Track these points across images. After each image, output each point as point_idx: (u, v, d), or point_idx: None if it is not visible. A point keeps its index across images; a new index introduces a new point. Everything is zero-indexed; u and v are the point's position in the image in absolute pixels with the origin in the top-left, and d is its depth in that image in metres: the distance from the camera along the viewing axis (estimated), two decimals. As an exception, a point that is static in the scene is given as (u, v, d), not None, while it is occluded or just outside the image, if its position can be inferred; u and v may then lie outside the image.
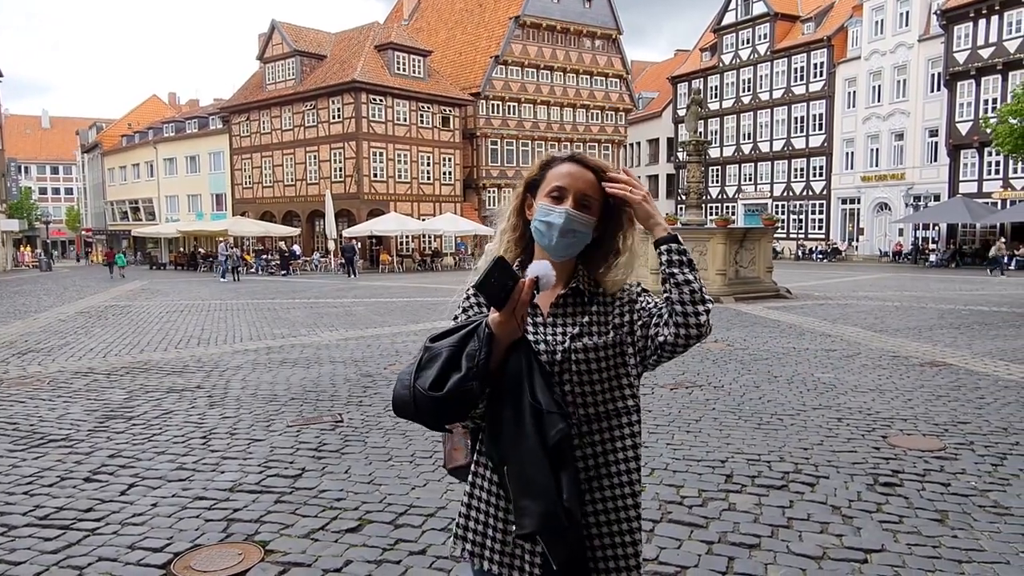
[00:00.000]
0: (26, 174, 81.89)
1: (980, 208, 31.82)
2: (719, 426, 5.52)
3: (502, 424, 1.50)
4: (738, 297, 15.70)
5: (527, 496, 1.46)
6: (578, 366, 1.58)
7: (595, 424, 1.59)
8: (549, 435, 1.43)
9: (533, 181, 1.67)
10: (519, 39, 42.35)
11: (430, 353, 1.49)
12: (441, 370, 1.45)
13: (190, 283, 26.82)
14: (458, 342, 1.48)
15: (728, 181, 47.92)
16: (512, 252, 1.69)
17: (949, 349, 9.11)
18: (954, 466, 4.54)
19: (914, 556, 3.31)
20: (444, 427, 1.54)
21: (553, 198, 1.59)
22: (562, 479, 1.44)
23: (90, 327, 12.57)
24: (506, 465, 1.50)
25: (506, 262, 1.45)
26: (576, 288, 1.64)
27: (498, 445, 1.52)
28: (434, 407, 1.45)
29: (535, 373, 1.48)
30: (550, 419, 1.44)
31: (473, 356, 1.44)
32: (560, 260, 1.61)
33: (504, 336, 1.47)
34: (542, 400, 1.45)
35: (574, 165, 1.63)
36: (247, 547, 3.48)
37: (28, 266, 47.59)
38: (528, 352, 1.50)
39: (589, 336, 1.60)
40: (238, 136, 43.73)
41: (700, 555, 3.35)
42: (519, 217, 1.69)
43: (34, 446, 5.19)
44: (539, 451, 1.43)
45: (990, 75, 32.66)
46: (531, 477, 1.44)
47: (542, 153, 1.74)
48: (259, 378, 7.67)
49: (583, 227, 1.59)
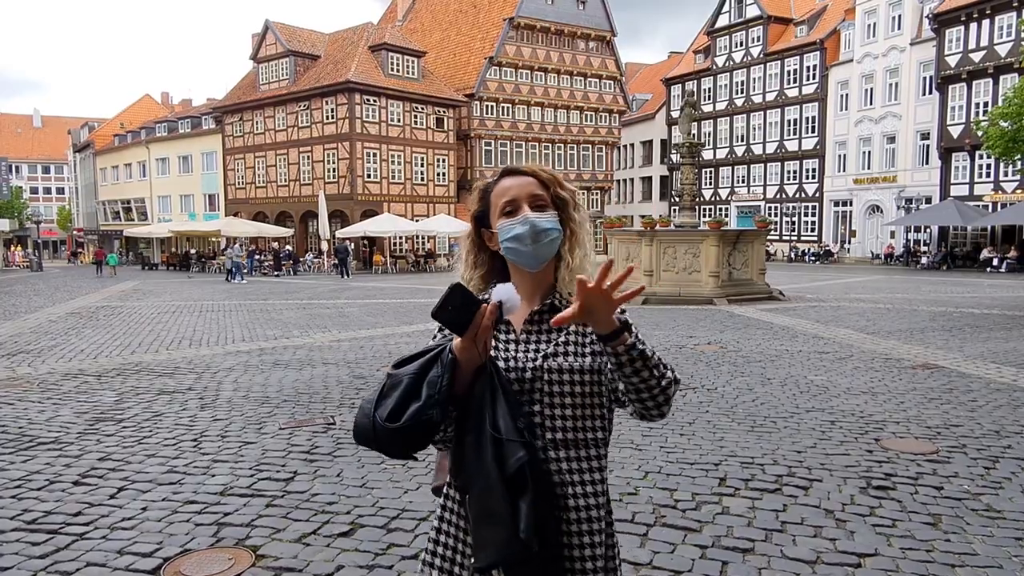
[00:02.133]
0: (17, 173, 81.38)
1: (971, 211, 31.98)
2: (712, 428, 5.52)
3: (464, 450, 1.46)
4: (731, 299, 15.73)
5: (485, 526, 1.42)
6: (549, 387, 1.52)
7: (562, 451, 1.52)
8: (508, 463, 1.39)
9: (480, 214, 1.63)
10: (513, 40, 42.33)
11: (392, 380, 1.46)
12: (400, 400, 1.42)
13: (183, 284, 26.69)
14: (419, 369, 1.44)
15: (721, 183, 48.04)
16: (481, 288, 1.63)
17: (941, 351, 9.14)
18: (947, 469, 4.55)
19: (908, 560, 3.31)
20: (408, 456, 1.48)
21: (507, 214, 1.55)
22: (520, 509, 1.38)
23: (81, 328, 12.48)
24: (467, 493, 1.47)
25: (464, 287, 1.40)
26: (552, 304, 1.58)
27: (461, 472, 1.49)
28: (391, 438, 1.42)
29: (498, 398, 1.44)
30: (509, 447, 1.39)
31: (435, 383, 1.41)
32: (541, 267, 1.56)
33: (467, 362, 1.43)
34: (502, 427, 1.41)
35: (511, 177, 1.59)
36: (238, 552, 3.45)
37: (19, 266, 47.28)
38: (493, 377, 1.46)
39: (564, 356, 1.53)
40: (231, 136, 43.55)
41: (694, 559, 3.34)
42: (479, 253, 1.65)
43: (23, 449, 5.14)
44: (497, 480, 1.39)
45: (981, 78, 32.84)
46: (489, 506, 1.40)
47: (536, 155, 1.71)
48: (251, 380, 7.62)
49: (550, 223, 1.54)
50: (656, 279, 16.45)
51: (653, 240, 16.52)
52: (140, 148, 52.17)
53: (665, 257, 16.50)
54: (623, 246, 17.63)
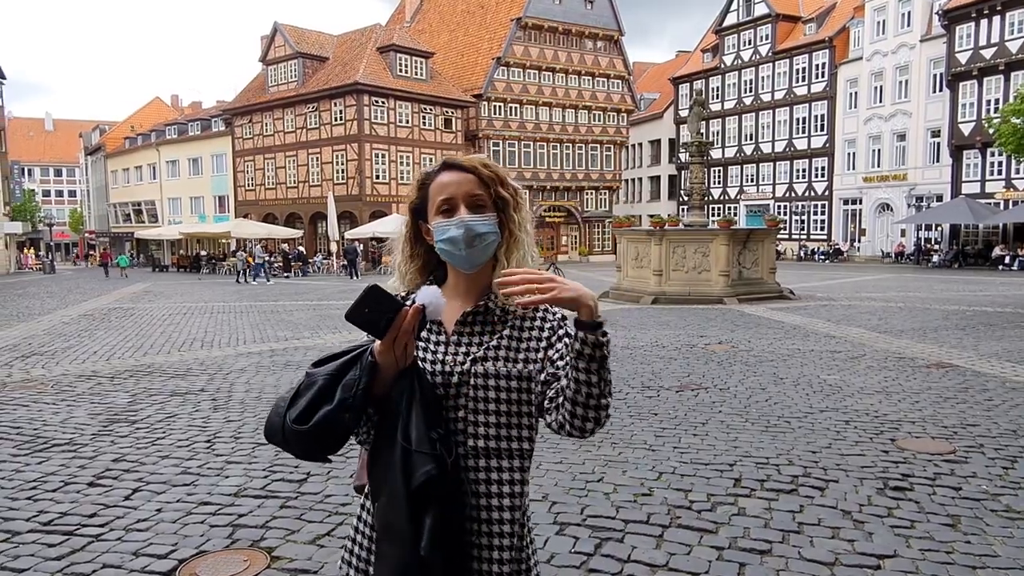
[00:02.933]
0: (29, 176, 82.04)
1: (983, 209, 31.74)
2: (726, 429, 5.49)
3: (377, 456, 1.41)
4: (741, 298, 15.66)
5: (385, 540, 1.38)
6: (475, 391, 1.45)
7: (482, 460, 1.45)
8: (414, 476, 1.31)
9: (417, 206, 1.56)
10: (521, 40, 42.34)
11: (307, 380, 1.40)
12: (311, 401, 1.36)
13: (193, 286, 26.81)
14: (336, 370, 1.38)
15: (730, 182, 47.86)
16: (417, 280, 1.58)
17: (955, 350, 9.07)
18: (964, 469, 4.50)
19: (927, 562, 3.28)
20: (318, 458, 1.42)
21: (444, 212, 1.48)
22: (424, 526, 1.32)
23: (93, 330, 12.55)
24: (375, 501, 1.42)
25: (380, 289, 1.33)
26: (486, 306, 1.50)
27: (371, 478, 1.43)
28: (299, 440, 1.36)
29: (414, 406, 1.37)
30: (418, 459, 1.32)
31: (350, 386, 1.34)
32: (477, 269, 1.50)
33: (387, 366, 1.36)
34: (413, 437, 1.34)
35: (450, 172, 1.52)
36: (253, 553, 3.45)
37: (32, 268, 47.63)
38: (412, 382, 1.39)
39: (494, 361, 1.46)
40: (240, 138, 43.75)
41: (711, 561, 3.32)
42: (415, 245, 1.58)
43: (38, 450, 5.17)
44: (402, 493, 1.32)
45: (992, 75, 32.58)
46: (391, 520, 1.35)
47: (544, 154, 1.64)
48: (263, 381, 7.64)
49: (486, 227, 1.47)
50: (665, 279, 16.40)
51: (662, 240, 16.47)
52: (150, 150, 52.49)
53: (675, 256, 16.44)
54: (632, 246, 17.58)
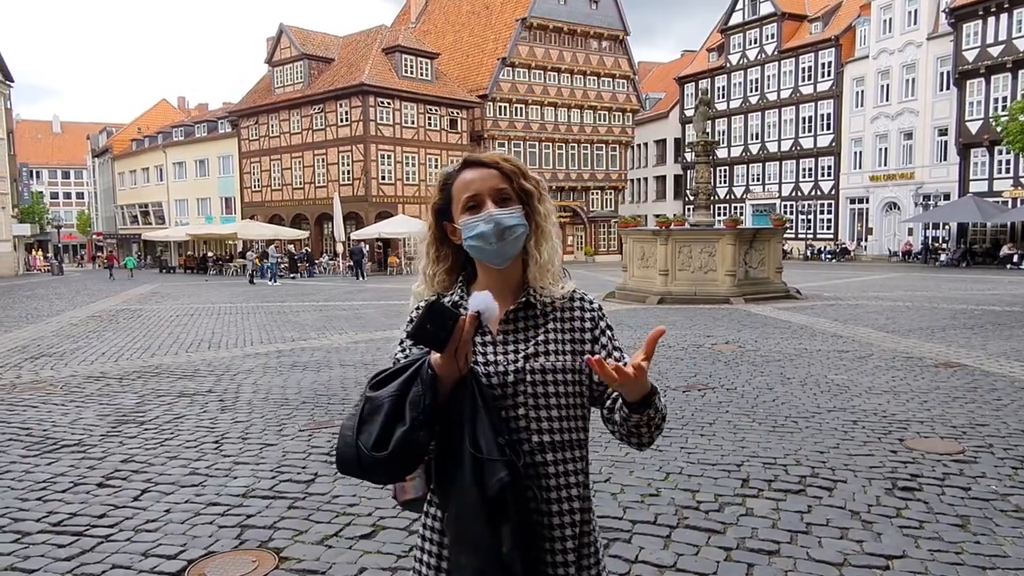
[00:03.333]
0: (37, 179, 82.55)
1: (990, 207, 31.60)
2: (733, 429, 5.48)
3: (443, 468, 1.40)
4: (748, 298, 15.62)
5: (463, 550, 1.37)
6: (533, 388, 1.46)
7: (548, 454, 1.46)
8: (489, 484, 1.31)
9: (440, 207, 1.55)
10: (526, 41, 42.35)
11: (371, 404, 1.36)
12: (384, 425, 1.33)
13: (200, 287, 26.90)
14: (400, 389, 1.35)
15: (736, 181, 47.77)
16: (446, 282, 1.58)
17: (963, 350, 9.02)
18: (974, 470, 4.48)
19: (936, 562, 3.26)
20: (395, 481, 1.42)
21: (470, 209, 1.48)
22: (503, 532, 1.32)
23: (101, 331, 12.61)
24: (445, 512, 1.41)
25: (441, 303, 1.32)
26: (527, 301, 1.51)
27: (439, 489, 1.43)
28: (380, 467, 1.34)
29: (479, 413, 1.36)
30: (490, 467, 1.32)
31: (417, 403, 1.32)
32: (507, 264, 1.50)
33: (447, 377, 1.35)
34: (483, 445, 1.33)
35: (472, 169, 1.51)
36: (261, 554, 3.46)
37: (40, 270, 47.89)
38: (473, 390, 1.38)
39: (546, 356, 1.48)
40: (247, 139, 43.90)
41: (719, 562, 3.31)
42: (441, 247, 1.57)
43: (47, 451, 5.19)
44: (477, 502, 1.32)
45: (1000, 73, 32.44)
46: (467, 530, 1.34)
47: (549, 155, 1.64)
48: (270, 382, 7.66)
49: (515, 219, 1.47)
50: (671, 278, 16.37)
51: (668, 239, 16.44)
52: (157, 152, 52.71)
53: (680, 256, 16.42)
54: (638, 245, 17.56)
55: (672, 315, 13.38)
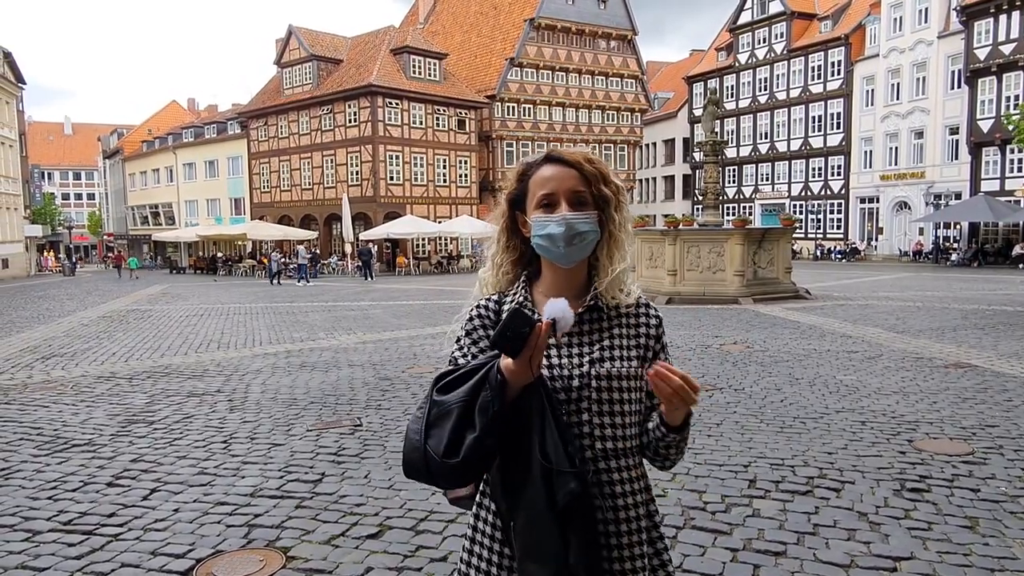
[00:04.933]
0: (49, 180, 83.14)
1: (1002, 206, 31.33)
2: (741, 430, 5.46)
3: (510, 475, 1.39)
4: (756, 298, 15.57)
5: (532, 559, 1.36)
6: (599, 394, 1.45)
7: (612, 461, 1.46)
8: (559, 496, 1.31)
9: (515, 197, 1.54)
10: (534, 41, 42.33)
11: (439, 409, 1.35)
12: (454, 431, 1.32)
13: (210, 287, 27.03)
14: (469, 394, 1.33)
15: (745, 181, 47.58)
16: (512, 273, 1.57)
17: (974, 350, 8.96)
18: (983, 471, 4.45)
19: (945, 564, 3.24)
20: (463, 485, 1.43)
21: (544, 207, 1.46)
22: (571, 541, 1.33)
23: (112, 331, 12.70)
24: (512, 520, 1.40)
25: (522, 311, 1.32)
26: (594, 305, 1.50)
27: (505, 496, 1.41)
28: (452, 473, 1.34)
29: (547, 422, 1.35)
30: (560, 479, 1.32)
31: (486, 409, 1.31)
32: (574, 265, 1.50)
33: (516, 382, 1.34)
34: (553, 456, 1.33)
35: (553, 166, 1.48)
36: (269, 553, 3.48)
37: (52, 271, 48.25)
38: (541, 398, 1.37)
39: (611, 362, 1.46)
40: (256, 140, 44.07)
41: (725, 563, 3.30)
42: (512, 237, 1.56)
43: (58, 451, 5.24)
44: (547, 513, 1.32)
45: (1012, 71, 32.16)
46: (537, 539, 1.34)
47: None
48: (278, 382, 7.70)
49: (587, 225, 1.46)
50: (680, 278, 16.34)
51: (677, 239, 16.41)
52: (167, 154, 52.99)
53: (689, 256, 16.38)
54: (647, 246, 17.53)
55: (680, 315, 13.35)
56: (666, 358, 1.55)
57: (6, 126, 40.09)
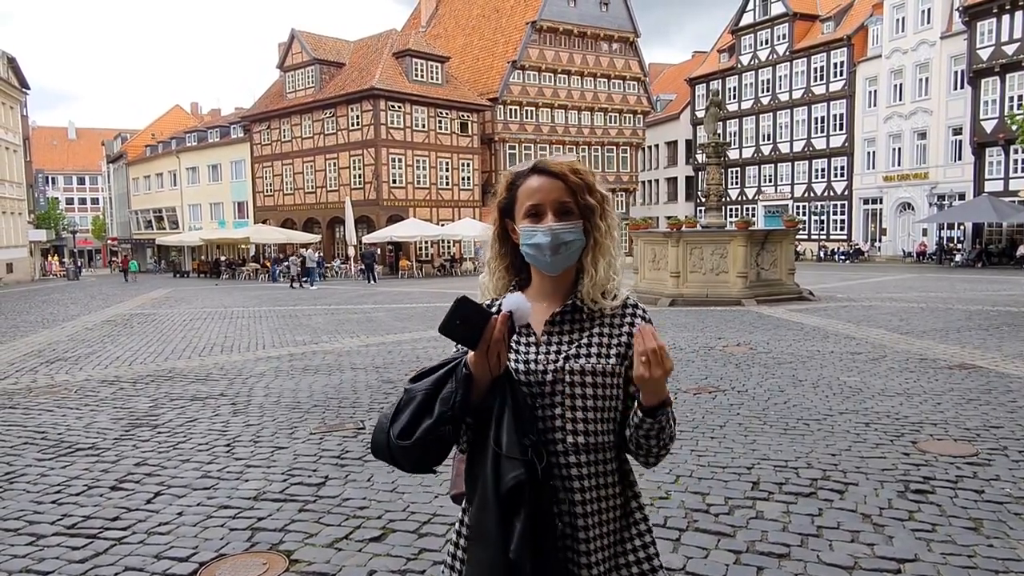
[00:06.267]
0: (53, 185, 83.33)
1: (1006, 207, 31.26)
2: (744, 431, 5.45)
3: (472, 461, 1.46)
4: (760, 299, 15.55)
5: (476, 543, 1.41)
6: (571, 388, 1.48)
7: (583, 455, 1.48)
8: (503, 480, 1.35)
9: (505, 204, 1.58)
10: (536, 44, 42.37)
11: (406, 396, 1.44)
12: (412, 416, 1.41)
13: (213, 291, 27.07)
14: (433, 385, 1.42)
15: (748, 183, 47.56)
16: (505, 279, 1.62)
17: (978, 351, 8.94)
18: (987, 472, 4.44)
19: (949, 566, 3.23)
20: (425, 470, 1.48)
21: (531, 217, 1.51)
22: (513, 530, 1.34)
23: (116, 335, 12.73)
24: (471, 505, 1.46)
25: (470, 300, 1.35)
26: (573, 304, 1.54)
27: (467, 482, 1.48)
28: (405, 455, 1.42)
29: (506, 411, 1.39)
30: (508, 464, 1.35)
31: (448, 399, 1.38)
32: (560, 273, 1.54)
33: (481, 375, 1.38)
34: (504, 443, 1.37)
35: (540, 177, 1.52)
36: (272, 556, 3.49)
37: (56, 275, 48.39)
38: (505, 389, 1.41)
39: (587, 358, 1.49)
40: (259, 144, 44.18)
41: (728, 565, 3.30)
42: (503, 243, 1.62)
43: (62, 455, 5.25)
44: (492, 497, 1.36)
45: (1015, 71, 32.11)
46: (482, 523, 1.38)
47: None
48: (282, 385, 7.71)
49: (572, 235, 1.50)
50: (683, 280, 16.32)
51: (680, 241, 16.40)
52: (171, 158, 53.15)
53: (692, 258, 16.37)
54: (649, 248, 17.52)
55: (683, 317, 13.34)
56: None
57: (10, 131, 40.24)
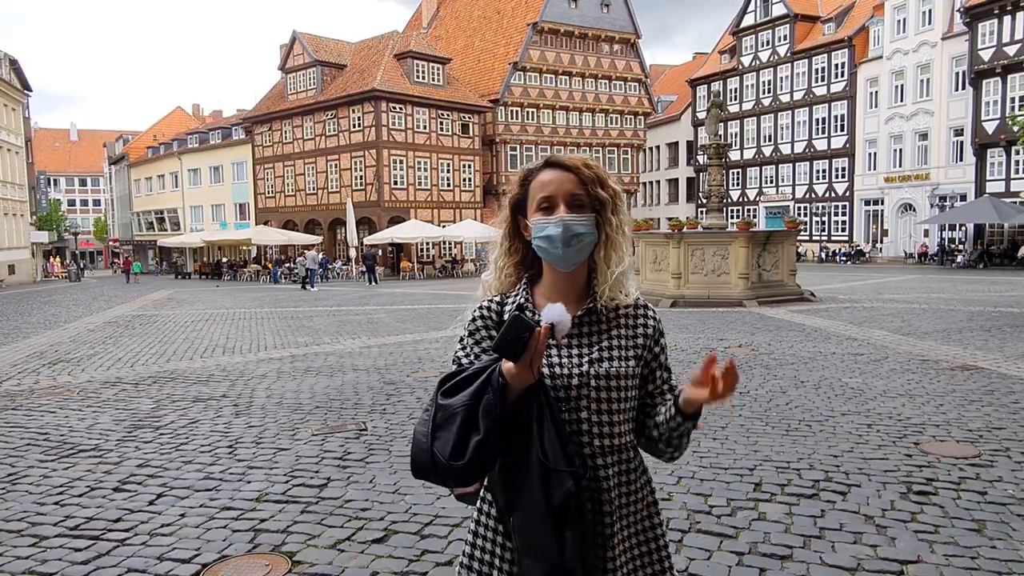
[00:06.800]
0: (55, 186, 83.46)
1: (1008, 208, 31.21)
2: (746, 433, 5.45)
3: (510, 473, 1.44)
4: (761, 301, 15.54)
5: (529, 555, 1.41)
6: (597, 393, 1.50)
7: (610, 457, 1.51)
8: (554, 494, 1.37)
9: (517, 201, 1.59)
10: (537, 45, 42.40)
11: (445, 412, 1.40)
12: (460, 434, 1.38)
13: (214, 293, 27.08)
14: (472, 397, 1.39)
15: (749, 184, 47.53)
16: (514, 276, 1.62)
17: (980, 352, 8.93)
18: (990, 473, 4.43)
19: (952, 567, 3.23)
20: (470, 484, 1.48)
21: (544, 210, 1.52)
22: (566, 538, 1.38)
23: (118, 337, 12.74)
24: (511, 515, 1.45)
25: (522, 317, 1.35)
26: (593, 307, 1.55)
27: (504, 492, 1.47)
28: (459, 474, 1.39)
29: (546, 421, 1.40)
30: (557, 477, 1.37)
31: (490, 412, 1.36)
32: (573, 268, 1.54)
33: (517, 385, 1.38)
34: (550, 455, 1.38)
35: (553, 171, 1.54)
36: (274, 558, 3.49)
37: (58, 276, 48.44)
38: (541, 398, 1.42)
39: (610, 361, 1.52)
40: (260, 146, 44.24)
41: (730, 566, 3.30)
42: (514, 240, 1.62)
43: (64, 456, 5.25)
44: (543, 510, 1.37)
45: (1016, 72, 32.07)
46: (534, 536, 1.39)
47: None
48: (284, 387, 7.71)
49: (584, 227, 1.51)
50: (684, 282, 16.32)
51: (681, 242, 16.40)
52: (172, 159, 53.22)
53: (693, 259, 16.36)
54: (651, 249, 17.52)
55: (685, 318, 13.34)
56: (665, 359, 1.62)
57: (12, 133, 40.30)
